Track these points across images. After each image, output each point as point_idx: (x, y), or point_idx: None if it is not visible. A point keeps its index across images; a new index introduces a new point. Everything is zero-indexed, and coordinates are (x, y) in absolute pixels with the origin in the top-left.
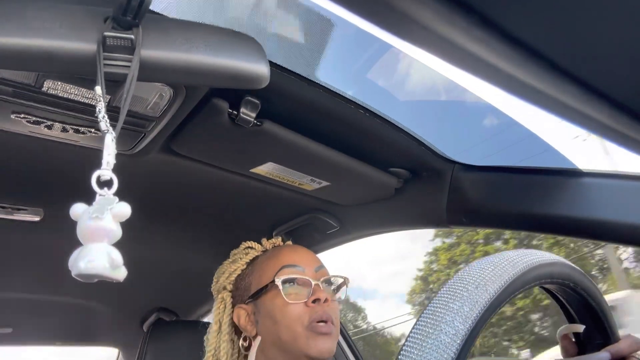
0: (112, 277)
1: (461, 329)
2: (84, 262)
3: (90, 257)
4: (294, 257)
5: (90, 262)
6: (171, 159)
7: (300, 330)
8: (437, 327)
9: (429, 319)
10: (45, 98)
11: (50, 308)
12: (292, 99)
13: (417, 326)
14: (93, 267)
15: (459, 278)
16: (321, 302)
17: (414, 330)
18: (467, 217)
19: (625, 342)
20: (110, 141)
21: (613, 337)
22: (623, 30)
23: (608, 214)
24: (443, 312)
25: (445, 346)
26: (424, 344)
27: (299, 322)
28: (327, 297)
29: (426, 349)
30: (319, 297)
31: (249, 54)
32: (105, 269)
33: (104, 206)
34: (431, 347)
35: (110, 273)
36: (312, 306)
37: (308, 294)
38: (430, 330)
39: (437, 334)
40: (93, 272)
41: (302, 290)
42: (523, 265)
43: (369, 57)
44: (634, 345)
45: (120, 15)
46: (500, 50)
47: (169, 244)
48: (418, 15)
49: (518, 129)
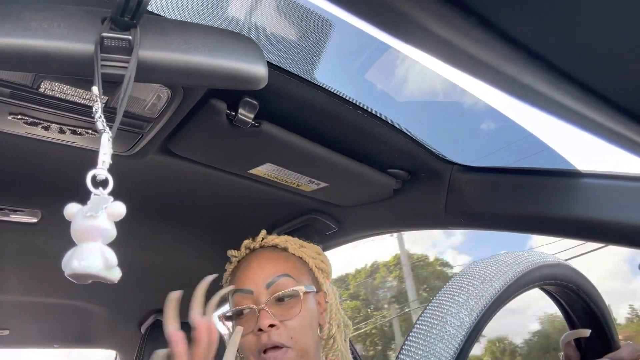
0: (106, 277)
1: (466, 321)
2: (77, 261)
3: (83, 256)
4: (245, 276)
5: (83, 261)
6: (169, 160)
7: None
8: (443, 319)
9: (435, 311)
10: (42, 99)
11: (47, 310)
12: (291, 100)
13: (422, 317)
14: (86, 267)
15: (464, 274)
16: (265, 330)
17: (419, 321)
18: (465, 218)
19: (627, 350)
20: (106, 141)
21: (614, 345)
22: (621, 32)
23: (606, 215)
24: (449, 304)
25: (451, 337)
26: (429, 334)
27: (250, 352)
28: (270, 323)
29: (431, 339)
30: (260, 325)
31: (247, 55)
32: (99, 269)
33: (99, 205)
34: (436, 337)
35: (104, 273)
36: (259, 334)
37: (255, 321)
38: (435, 321)
39: (442, 325)
40: (86, 272)
41: (250, 318)
42: (528, 264)
43: (368, 58)
44: (634, 352)
45: (118, 16)
46: (499, 52)
47: (166, 245)
48: (417, 16)
49: (517, 130)
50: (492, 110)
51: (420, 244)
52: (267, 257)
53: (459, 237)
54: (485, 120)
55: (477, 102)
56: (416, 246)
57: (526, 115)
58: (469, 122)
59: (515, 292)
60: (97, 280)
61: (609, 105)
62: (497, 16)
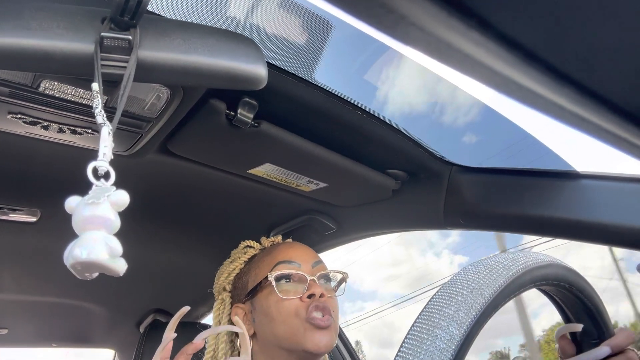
0: (110, 267)
1: (456, 334)
2: (80, 250)
3: (86, 245)
4: (290, 252)
5: (86, 250)
6: (168, 160)
7: (298, 323)
8: (432, 333)
9: (424, 324)
10: (41, 98)
11: (46, 309)
12: (290, 100)
13: (412, 331)
14: (90, 255)
15: (453, 282)
16: (317, 297)
17: (409, 335)
18: (464, 219)
19: (622, 335)
20: (106, 134)
21: (608, 333)
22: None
23: (605, 216)
24: (438, 317)
25: (441, 352)
26: (419, 350)
27: (296, 315)
28: (322, 292)
29: (421, 354)
30: (314, 292)
31: (247, 55)
32: (104, 257)
33: (101, 193)
34: (426, 352)
35: (109, 263)
36: (307, 301)
37: (303, 290)
38: (425, 335)
39: (432, 340)
40: (91, 260)
41: (298, 286)
42: (517, 268)
43: (367, 58)
44: (629, 337)
45: (118, 16)
46: (498, 53)
47: (165, 245)
48: (416, 17)
49: (516, 131)
50: (491, 111)
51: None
52: (302, 245)
53: (455, 237)
54: (485, 121)
55: (477, 103)
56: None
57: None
58: (469, 123)
59: (507, 298)
60: (101, 272)
61: (608, 107)
62: (496, 18)
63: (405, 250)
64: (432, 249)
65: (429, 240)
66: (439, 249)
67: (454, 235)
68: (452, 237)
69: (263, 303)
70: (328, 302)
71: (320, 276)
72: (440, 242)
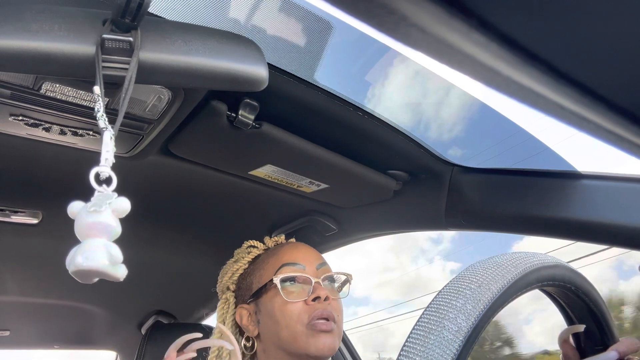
0: (111, 274)
1: (464, 326)
2: (81, 257)
3: (87, 253)
4: (295, 254)
5: (87, 257)
6: (169, 161)
7: (300, 329)
8: (440, 324)
9: (432, 316)
10: (43, 100)
11: (48, 311)
12: (291, 101)
13: (420, 322)
14: (91, 262)
15: (461, 277)
16: (321, 300)
17: (416, 326)
18: (465, 220)
19: (627, 342)
20: (108, 139)
21: (613, 340)
22: (622, 33)
23: (606, 216)
24: (446, 309)
25: (448, 342)
26: (427, 340)
27: (298, 320)
28: (327, 295)
29: (429, 344)
30: (319, 295)
31: (248, 57)
32: (104, 265)
33: (103, 201)
34: (434, 342)
35: (110, 270)
36: (312, 304)
37: (308, 292)
38: (433, 326)
39: (439, 330)
40: (91, 268)
41: (302, 288)
42: (525, 267)
43: (368, 59)
44: (634, 345)
45: (119, 18)
46: (499, 53)
47: (167, 247)
48: (417, 18)
49: (517, 132)
50: (492, 112)
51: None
52: (307, 246)
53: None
54: (486, 121)
55: (478, 104)
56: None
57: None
58: (470, 124)
59: (513, 295)
60: (102, 278)
61: (609, 107)
62: (497, 18)
63: (397, 258)
64: (424, 255)
65: (421, 247)
66: (431, 255)
67: (445, 242)
68: (443, 244)
69: (268, 305)
70: (332, 305)
71: (325, 278)
72: (432, 249)
